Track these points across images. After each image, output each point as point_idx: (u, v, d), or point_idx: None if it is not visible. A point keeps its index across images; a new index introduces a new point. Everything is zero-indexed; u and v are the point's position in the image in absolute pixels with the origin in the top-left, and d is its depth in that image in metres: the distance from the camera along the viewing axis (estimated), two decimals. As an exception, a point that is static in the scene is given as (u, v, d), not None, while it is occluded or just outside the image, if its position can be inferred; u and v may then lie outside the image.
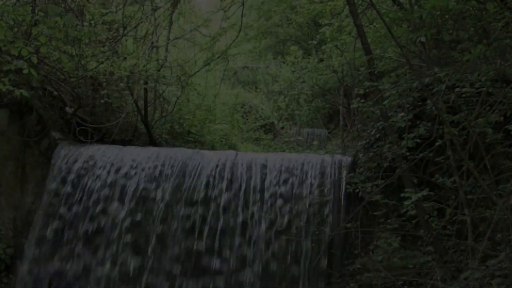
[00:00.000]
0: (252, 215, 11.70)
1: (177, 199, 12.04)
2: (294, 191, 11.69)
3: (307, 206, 11.43)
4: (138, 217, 12.04)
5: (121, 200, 12.19)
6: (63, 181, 12.63)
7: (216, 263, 11.62)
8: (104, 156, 12.88)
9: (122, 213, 12.08)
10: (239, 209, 11.77)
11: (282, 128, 27.33)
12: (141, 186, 12.23)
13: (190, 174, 12.19)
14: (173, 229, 11.87)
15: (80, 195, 12.46)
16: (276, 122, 27.74)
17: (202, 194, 11.94)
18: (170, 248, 11.81)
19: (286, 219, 11.46)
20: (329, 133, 24.90)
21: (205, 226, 11.77)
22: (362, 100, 13.04)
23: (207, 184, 11.99)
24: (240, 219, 11.72)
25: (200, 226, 11.77)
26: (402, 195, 9.35)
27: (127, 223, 12.00)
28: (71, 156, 12.94)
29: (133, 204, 12.09)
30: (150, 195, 12.17)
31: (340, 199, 11.46)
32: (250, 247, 11.55)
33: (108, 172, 12.51)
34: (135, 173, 12.40)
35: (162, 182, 12.24)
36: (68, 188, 12.53)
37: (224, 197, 11.87)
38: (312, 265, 11.13)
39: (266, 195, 11.76)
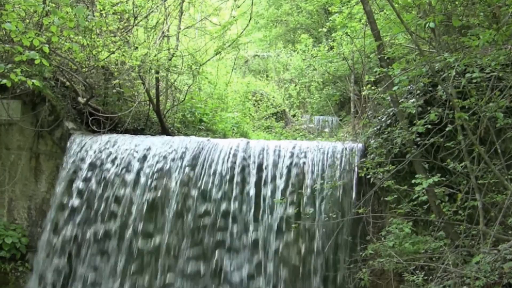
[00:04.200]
0: (264, 201, 11.76)
1: (189, 187, 12.12)
2: (305, 177, 11.73)
3: (318, 192, 11.47)
4: (151, 204, 12.17)
5: (135, 188, 12.29)
6: (77, 170, 12.74)
7: (229, 244, 11.78)
8: (117, 145, 12.97)
9: (136, 201, 12.18)
10: (251, 196, 11.84)
11: (294, 116, 27.33)
12: (154, 175, 12.32)
13: (202, 162, 12.26)
14: (187, 218, 11.97)
15: (94, 184, 12.57)
16: (287, 110, 27.75)
17: (214, 182, 12.03)
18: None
19: (298, 205, 11.51)
20: (340, 120, 24.87)
21: (218, 213, 11.86)
22: (373, 87, 13.05)
23: (219, 172, 12.06)
24: (252, 205, 11.80)
25: (215, 214, 11.88)
26: (413, 181, 9.37)
27: (140, 212, 12.13)
28: (84, 146, 13.04)
29: (146, 193, 12.19)
30: (163, 183, 12.26)
31: (351, 185, 11.49)
32: (263, 233, 11.63)
33: (121, 161, 12.61)
34: (148, 162, 12.50)
35: (174, 170, 12.32)
36: (81, 177, 12.64)
37: (237, 184, 11.96)
38: (324, 251, 11.19)
39: (278, 181, 11.81)
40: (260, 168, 12.03)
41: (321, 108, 26.68)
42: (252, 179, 11.93)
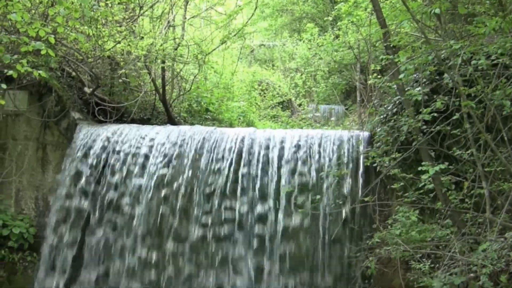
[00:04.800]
0: (271, 188, 11.78)
1: (196, 175, 12.16)
2: (312, 165, 11.74)
3: (325, 180, 11.47)
4: (160, 193, 12.24)
5: (142, 176, 12.34)
6: (83, 160, 12.78)
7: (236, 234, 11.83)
8: (124, 134, 12.99)
9: (143, 190, 12.24)
10: (257, 184, 11.87)
11: (300, 105, 27.33)
12: (160, 164, 12.36)
13: (208, 151, 12.28)
14: (194, 202, 12.03)
15: (101, 173, 12.62)
16: (293, 99, 27.75)
17: (221, 170, 12.08)
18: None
19: (304, 194, 11.53)
20: (346, 109, 24.87)
21: (225, 200, 11.91)
22: (379, 76, 13.03)
23: (225, 160, 12.10)
24: (258, 193, 11.83)
25: (220, 201, 11.92)
26: (419, 168, 9.36)
27: (147, 201, 12.19)
28: (91, 136, 13.06)
29: (154, 181, 12.23)
30: (170, 171, 12.31)
31: (357, 173, 11.50)
32: (269, 221, 11.68)
33: (128, 150, 12.64)
34: (155, 151, 12.53)
35: (181, 159, 12.34)
36: (88, 167, 12.68)
37: (243, 172, 12.00)
38: (331, 239, 11.20)
39: (284, 169, 11.83)
40: (266, 157, 12.04)
41: (327, 97, 26.65)
42: (259, 167, 11.95)
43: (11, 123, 13.65)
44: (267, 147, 12.15)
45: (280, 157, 11.95)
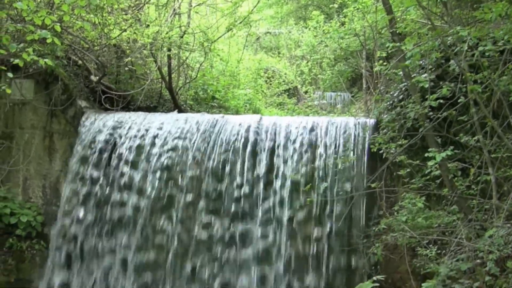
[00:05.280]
0: (277, 176, 11.82)
1: (202, 162, 12.21)
2: (318, 152, 11.75)
3: (331, 166, 11.48)
4: (166, 179, 12.30)
5: (148, 163, 12.39)
6: (90, 147, 12.82)
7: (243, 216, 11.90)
8: (130, 122, 13.02)
9: (149, 178, 12.29)
10: (264, 170, 11.91)
11: (306, 92, 27.30)
12: (167, 150, 12.40)
13: (215, 138, 12.30)
14: (202, 188, 12.10)
15: (107, 161, 12.66)
16: (299, 86, 27.73)
17: (227, 157, 12.11)
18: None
19: (310, 180, 11.54)
20: (352, 96, 24.83)
21: (232, 186, 11.97)
22: (385, 63, 13.01)
23: (232, 147, 12.12)
24: (265, 179, 11.88)
25: (227, 188, 11.97)
26: (426, 154, 9.34)
27: (153, 188, 12.24)
28: (98, 124, 13.09)
29: (161, 168, 12.28)
30: (176, 158, 12.34)
31: (364, 160, 11.50)
32: (275, 207, 11.72)
33: (135, 138, 12.67)
34: (161, 138, 12.55)
35: (188, 146, 12.37)
36: (95, 155, 12.72)
37: (249, 158, 12.03)
38: (337, 225, 11.22)
39: (291, 155, 11.85)
40: (273, 144, 12.05)
41: (333, 85, 26.60)
42: (265, 154, 11.97)
43: (18, 112, 13.68)
44: (274, 134, 12.16)
45: (287, 144, 11.97)
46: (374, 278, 7.08)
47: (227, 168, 12.03)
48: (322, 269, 11.31)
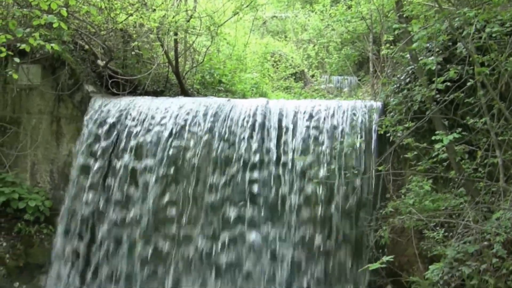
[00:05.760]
0: (285, 159, 11.83)
1: (210, 146, 12.24)
2: (325, 135, 11.75)
3: (338, 149, 11.48)
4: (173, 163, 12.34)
5: (156, 147, 12.42)
6: (98, 132, 12.85)
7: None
8: (137, 106, 13.05)
9: (157, 161, 12.33)
10: (271, 154, 11.90)
11: (312, 76, 27.26)
12: (174, 134, 12.42)
13: (222, 122, 12.31)
14: (209, 172, 12.13)
15: (115, 145, 12.70)
16: (306, 70, 27.68)
17: (235, 140, 12.13)
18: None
19: (317, 163, 11.56)
20: (359, 80, 24.80)
21: (239, 170, 11.98)
22: (392, 46, 12.98)
23: (239, 131, 12.13)
24: (272, 162, 11.89)
25: (234, 171, 12.00)
26: (433, 137, 9.33)
27: (160, 174, 12.30)
28: (105, 108, 13.12)
29: (167, 153, 12.32)
30: (184, 142, 12.37)
31: (371, 143, 11.50)
32: (282, 189, 11.75)
33: (142, 122, 12.69)
34: (168, 122, 12.57)
35: (195, 130, 12.40)
36: (102, 139, 12.76)
37: (256, 141, 12.04)
38: (344, 209, 11.24)
39: (298, 138, 11.85)
40: (280, 127, 12.05)
41: (339, 68, 26.53)
42: (272, 137, 11.97)
43: (25, 97, 13.73)
44: (280, 118, 12.16)
45: (294, 127, 11.97)
46: (382, 259, 7.11)
47: (235, 153, 12.05)
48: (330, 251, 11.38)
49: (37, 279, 12.80)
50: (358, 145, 11.34)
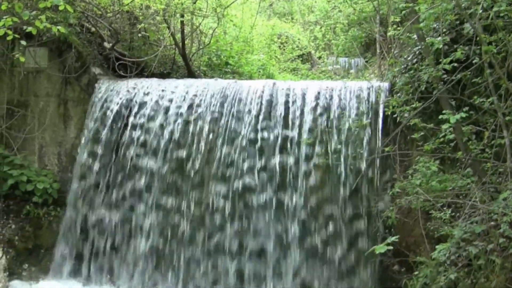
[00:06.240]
0: (291, 140, 11.84)
1: (216, 127, 12.28)
2: (332, 115, 11.76)
3: (345, 130, 11.49)
4: (180, 145, 12.39)
5: (162, 129, 12.48)
6: (105, 114, 12.91)
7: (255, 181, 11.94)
8: (144, 88, 13.09)
9: (164, 143, 12.37)
10: (279, 135, 11.93)
11: (319, 58, 27.24)
12: (181, 116, 12.47)
13: (229, 103, 12.33)
14: (215, 154, 12.18)
15: (122, 127, 12.75)
16: (313, 52, 27.65)
17: (242, 122, 12.15)
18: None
19: (324, 144, 11.57)
20: (366, 62, 24.75)
21: (244, 152, 12.01)
22: (398, 28, 12.94)
23: (246, 112, 12.17)
24: (279, 143, 11.90)
25: (240, 153, 12.03)
26: (440, 117, 9.29)
27: (166, 155, 12.35)
28: (112, 90, 13.16)
29: (174, 134, 12.38)
30: (191, 123, 12.41)
31: (378, 123, 11.50)
32: (290, 170, 11.78)
33: (149, 104, 12.75)
34: (175, 104, 12.61)
35: (202, 111, 12.44)
36: (110, 121, 12.80)
37: (263, 122, 12.07)
38: (351, 189, 11.26)
39: (305, 119, 11.86)
40: (286, 108, 12.07)
41: (346, 50, 26.51)
42: (279, 118, 11.99)
43: (32, 80, 13.73)
44: (287, 99, 12.17)
45: (301, 108, 11.98)
46: (389, 240, 7.13)
47: (241, 134, 12.08)
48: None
49: (46, 261, 12.87)
50: (365, 125, 11.34)
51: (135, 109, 12.79)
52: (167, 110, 12.58)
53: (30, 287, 12.20)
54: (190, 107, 12.51)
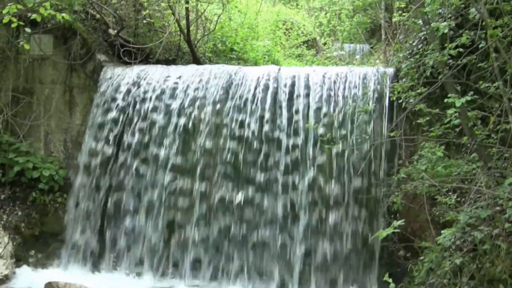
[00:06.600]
0: (297, 125, 11.85)
1: (222, 112, 12.31)
2: (337, 101, 11.76)
3: (350, 115, 11.49)
4: (186, 131, 12.43)
5: (168, 115, 12.50)
6: (111, 100, 12.95)
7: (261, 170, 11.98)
8: (150, 74, 13.12)
9: (170, 128, 12.41)
10: (284, 121, 11.94)
11: (324, 44, 27.20)
12: (186, 102, 12.49)
13: (234, 89, 12.35)
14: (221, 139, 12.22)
15: (128, 114, 12.80)
16: (318, 38, 27.59)
17: (247, 107, 12.17)
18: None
19: (330, 129, 11.57)
20: (371, 48, 24.69)
21: (251, 136, 12.04)
22: (404, 13, 12.91)
23: (251, 98, 12.19)
24: (284, 129, 11.92)
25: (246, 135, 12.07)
26: (446, 100, 9.26)
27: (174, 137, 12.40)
28: (117, 77, 13.19)
29: (180, 120, 12.40)
30: (196, 109, 12.44)
31: (383, 108, 11.50)
32: (296, 154, 11.79)
33: (154, 90, 12.77)
34: (181, 89, 12.64)
35: (207, 97, 12.46)
36: (115, 108, 12.85)
37: (268, 107, 12.07)
38: (356, 174, 11.28)
39: (311, 104, 11.87)
40: (292, 93, 12.08)
41: (351, 36, 26.44)
42: (285, 104, 11.99)
43: (38, 67, 13.77)
44: (293, 84, 12.16)
45: (306, 94, 11.99)
46: (394, 224, 7.14)
47: (247, 119, 12.10)
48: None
49: (52, 247, 12.93)
50: (370, 111, 11.34)
51: (140, 95, 12.80)
52: (172, 97, 12.62)
53: (36, 273, 12.25)
54: (195, 92, 12.53)
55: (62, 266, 12.62)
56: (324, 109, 11.76)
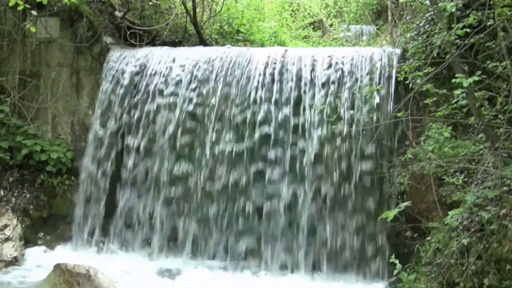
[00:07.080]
0: (304, 106, 11.85)
1: (228, 94, 12.30)
2: (344, 81, 11.73)
3: (357, 95, 11.48)
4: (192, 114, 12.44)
5: (175, 97, 12.52)
6: (117, 83, 12.94)
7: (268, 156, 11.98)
8: (156, 56, 13.11)
9: (177, 110, 12.42)
10: (291, 101, 11.95)
11: (331, 25, 27.09)
12: (193, 84, 12.50)
13: (240, 70, 12.34)
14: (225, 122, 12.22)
15: (135, 95, 12.81)
16: (324, 19, 27.49)
17: (253, 88, 12.15)
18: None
19: (336, 110, 11.57)
20: (377, 29, 24.61)
21: (257, 117, 12.05)
22: (411, -6, 12.88)
23: (258, 79, 12.16)
24: (291, 110, 11.93)
25: (253, 120, 12.06)
26: (453, 80, 9.24)
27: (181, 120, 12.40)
28: (124, 59, 13.19)
29: (187, 102, 12.42)
30: (203, 91, 12.45)
31: (390, 89, 11.48)
32: (303, 138, 11.78)
33: (160, 72, 12.78)
34: (187, 71, 12.63)
35: (214, 78, 12.45)
36: (122, 90, 12.85)
37: (276, 90, 12.06)
38: (363, 155, 11.28)
39: (317, 85, 11.85)
40: (299, 74, 12.06)
41: (358, 17, 26.35)
42: (292, 85, 11.98)
43: (44, 50, 13.80)
44: (299, 65, 12.15)
45: (313, 75, 11.96)
46: (401, 205, 7.16)
47: (253, 102, 12.11)
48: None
49: (61, 229, 13.01)
50: (377, 91, 11.32)
51: (146, 79, 12.82)
52: (178, 79, 12.60)
53: (45, 254, 12.33)
54: (203, 73, 12.53)
55: (71, 248, 12.69)
56: (331, 90, 11.74)
